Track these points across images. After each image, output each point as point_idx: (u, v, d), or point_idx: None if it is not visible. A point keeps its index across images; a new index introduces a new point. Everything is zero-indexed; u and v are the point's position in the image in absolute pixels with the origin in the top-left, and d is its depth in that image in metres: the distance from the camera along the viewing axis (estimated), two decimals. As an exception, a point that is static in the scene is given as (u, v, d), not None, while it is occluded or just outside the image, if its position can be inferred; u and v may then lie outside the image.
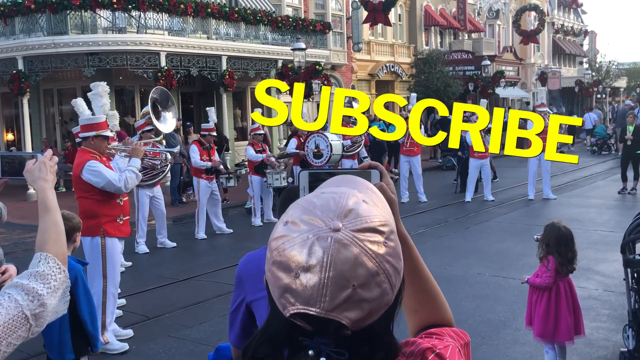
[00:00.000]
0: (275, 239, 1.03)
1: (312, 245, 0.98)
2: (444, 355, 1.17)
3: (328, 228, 1.00)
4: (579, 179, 18.02)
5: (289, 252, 0.99)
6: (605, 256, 8.89)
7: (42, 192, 2.00)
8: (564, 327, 4.89)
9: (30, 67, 16.84)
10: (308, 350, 0.99)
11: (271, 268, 1.02)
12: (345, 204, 1.03)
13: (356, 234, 1.00)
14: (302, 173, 1.27)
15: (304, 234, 1.00)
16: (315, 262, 0.97)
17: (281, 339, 1.04)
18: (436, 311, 1.36)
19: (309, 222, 1.01)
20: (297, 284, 0.98)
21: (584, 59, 52.45)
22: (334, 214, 1.01)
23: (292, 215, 1.04)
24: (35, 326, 1.69)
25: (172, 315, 7.16)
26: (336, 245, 0.98)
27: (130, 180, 6.19)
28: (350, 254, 0.98)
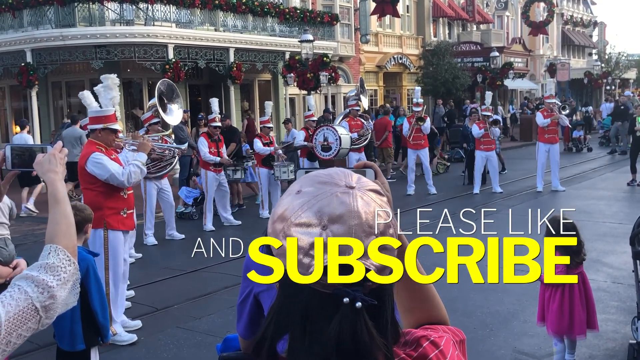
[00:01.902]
0: (288, 207, 1.09)
1: (336, 198, 1.07)
2: (438, 343, 1.19)
3: (344, 186, 1.09)
4: (587, 170, 17.95)
5: (314, 209, 1.06)
6: (614, 248, 8.86)
7: (52, 184, 2.00)
8: (578, 322, 4.87)
9: (38, 59, 16.88)
10: (342, 298, 1.03)
11: (290, 232, 1.06)
12: (349, 172, 1.14)
13: (367, 191, 1.11)
14: (298, 172, 1.30)
15: (324, 192, 1.08)
16: (343, 212, 1.06)
17: (300, 307, 1.06)
18: (431, 310, 1.36)
19: (324, 184, 1.10)
20: (325, 236, 1.04)
21: (593, 50, 52.08)
22: (344, 177, 1.11)
23: (302, 185, 1.12)
24: (45, 318, 1.70)
25: (180, 307, 7.19)
26: (357, 197, 1.08)
27: (134, 174, 6.17)
28: (370, 206, 1.08)
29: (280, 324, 1.08)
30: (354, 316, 1.03)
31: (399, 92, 31.05)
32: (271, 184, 12.26)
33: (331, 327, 1.03)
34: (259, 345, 1.10)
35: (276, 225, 1.10)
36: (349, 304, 1.03)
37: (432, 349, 1.18)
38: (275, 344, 1.09)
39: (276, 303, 1.10)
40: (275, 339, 1.08)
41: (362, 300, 1.03)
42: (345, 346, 1.03)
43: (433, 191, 14.34)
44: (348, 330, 1.03)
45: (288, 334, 1.08)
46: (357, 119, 14.29)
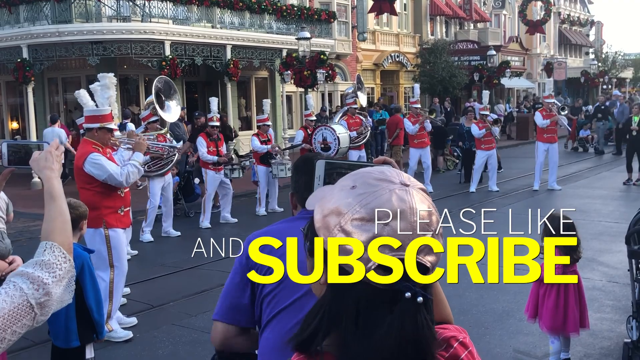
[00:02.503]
0: (343, 201, 1.09)
1: (396, 195, 1.08)
2: (467, 344, 1.21)
3: (400, 183, 1.11)
4: (584, 169, 17.98)
5: (373, 204, 1.06)
6: (609, 247, 8.88)
7: (48, 181, 2.00)
8: (572, 320, 4.89)
9: (34, 55, 16.84)
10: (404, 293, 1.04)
11: (347, 227, 1.06)
12: (399, 171, 1.16)
13: (420, 190, 1.13)
14: (318, 162, 1.30)
15: (382, 189, 1.09)
16: (404, 208, 1.06)
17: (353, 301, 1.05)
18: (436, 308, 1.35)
19: (380, 180, 1.11)
20: (387, 231, 1.05)
21: (590, 49, 52.16)
22: (397, 176, 1.12)
23: (356, 180, 1.12)
24: (40, 315, 1.70)
25: (176, 304, 7.19)
26: (415, 195, 1.10)
27: (131, 174, 6.16)
28: (425, 204, 1.10)
29: (331, 319, 1.07)
30: (416, 311, 1.04)
31: (396, 90, 31.06)
32: (269, 181, 12.26)
33: (392, 321, 1.03)
34: (308, 340, 1.09)
35: (329, 219, 1.09)
36: (410, 298, 1.04)
37: (462, 350, 1.20)
38: (323, 339, 1.08)
39: (325, 298, 1.09)
40: (326, 334, 1.08)
41: (423, 296, 1.05)
42: (405, 341, 1.03)
43: (429, 189, 14.32)
44: (411, 324, 1.04)
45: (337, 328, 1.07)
46: (355, 116, 14.26)
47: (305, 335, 1.09)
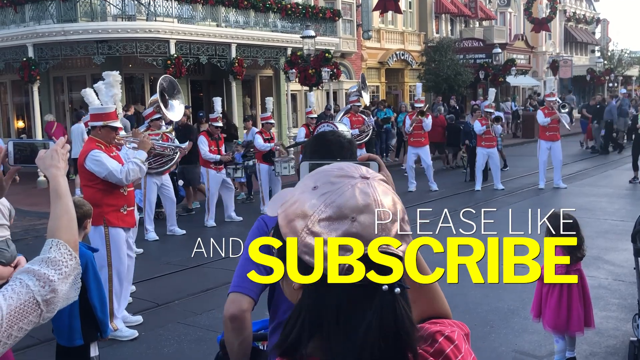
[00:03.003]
0: (307, 203, 1.09)
1: (358, 190, 1.08)
2: (453, 338, 1.20)
3: (360, 177, 1.11)
4: (589, 167, 17.93)
5: (338, 202, 1.07)
6: (615, 245, 8.85)
7: (54, 179, 2.01)
8: (576, 319, 4.87)
9: (40, 54, 16.88)
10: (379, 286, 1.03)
11: (315, 229, 1.06)
12: (357, 165, 1.16)
13: (380, 182, 1.13)
14: (302, 164, 1.30)
15: (344, 185, 1.09)
16: (369, 202, 1.07)
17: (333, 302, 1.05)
18: (434, 303, 1.36)
19: (341, 177, 1.10)
20: (355, 227, 1.05)
21: (596, 47, 51.99)
22: (356, 170, 1.12)
23: (317, 180, 1.12)
24: (46, 312, 1.70)
25: (181, 302, 7.20)
26: (376, 186, 1.10)
27: (132, 172, 6.14)
28: (388, 194, 1.11)
29: (313, 322, 1.06)
30: (394, 302, 1.04)
31: (401, 88, 31.03)
32: (272, 180, 12.26)
33: (371, 316, 1.03)
34: (292, 346, 1.07)
35: (295, 224, 1.08)
36: (387, 291, 1.03)
37: (447, 344, 1.19)
38: (307, 343, 1.07)
39: (303, 302, 1.08)
40: (309, 338, 1.06)
41: (400, 286, 1.05)
42: (386, 334, 1.03)
43: (434, 188, 14.33)
44: (390, 316, 1.03)
45: (320, 331, 1.06)
46: (358, 115, 14.29)
47: (289, 341, 1.08)
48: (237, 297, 2.36)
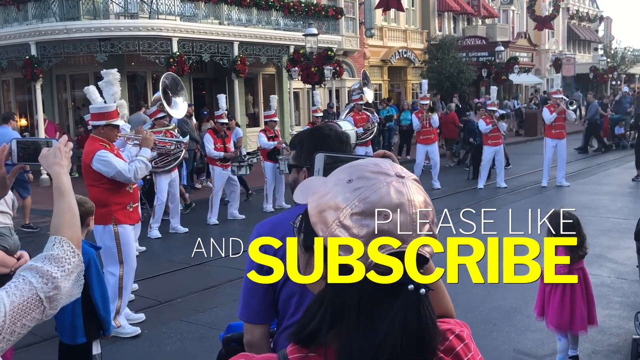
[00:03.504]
0: (341, 196, 1.08)
1: (393, 188, 1.08)
2: (463, 336, 1.21)
3: (395, 175, 1.11)
4: (592, 166, 17.91)
5: (372, 199, 1.06)
6: (618, 243, 8.84)
7: (57, 177, 2.01)
8: (579, 317, 4.86)
9: (43, 52, 16.90)
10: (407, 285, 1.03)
11: (347, 222, 1.06)
12: (391, 162, 1.15)
13: (414, 181, 1.13)
14: (317, 155, 1.29)
15: (379, 182, 1.08)
16: (402, 201, 1.06)
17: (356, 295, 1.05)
18: (439, 302, 1.37)
19: (377, 173, 1.10)
20: (388, 225, 1.05)
21: (599, 45, 51.89)
22: (391, 167, 1.12)
23: (352, 174, 1.11)
24: (49, 309, 1.71)
25: (183, 300, 7.21)
26: (411, 186, 1.10)
27: (139, 170, 6.18)
28: (422, 194, 1.11)
29: (334, 314, 1.06)
30: (418, 303, 1.04)
31: (404, 86, 31.00)
32: (276, 177, 12.27)
33: (395, 313, 1.03)
34: (311, 335, 1.08)
35: (326, 215, 1.08)
36: (413, 290, 1.03)
37: (458, 343, 1.20)
38: (326, 334, 1.07)
39: (327, 292, 1.08)
40: (328, 329, 1.07)
41: (426, 287, 1.05)
42: (408, 333, 1.03)
43: (437, 186, 14.33)
44: (414, 317, 1.04)
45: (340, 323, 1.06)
46: (362, 112, 14.28)
47: (308, 330, 1.08)
48: (247, 327, 2.35)
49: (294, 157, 2.56)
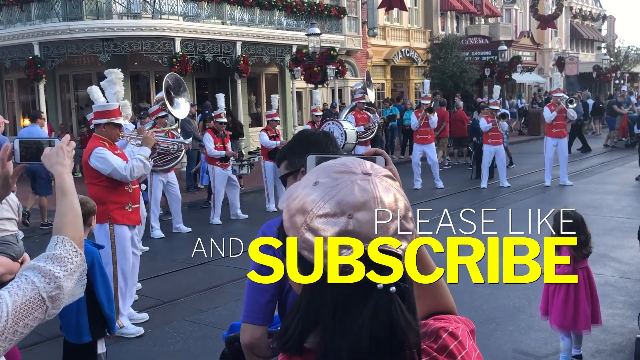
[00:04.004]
0: (307, 199, 1.08)
1: (358, 186, 1.07)
2: (457, 334, 1.19)
3: (362, 173, 1.09)
4: (596, 165, 17.88)
5: (336, 198, 1.05)
6: (621, 243, 8.83)
7: (60, 176, 2.01)
8: (583, 317, 4.85)
9: (46, 52, 16.92)
10: (375, 284, 1.02)
11: (314, 225, 1.05)
12: (362, 160, 1.15)
13: (385, 178, 1.11)
14: (309, 157, 1.28)
15: (344, 181, 1.07)
16: (367, 199, 1.05)
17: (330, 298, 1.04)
18: (439, 298, 1.36)
19: (342, 172, 1.09)
20: (352, 225, 1.04)
21: (602, 44, 51.76)
22: (359, 166, 1.11)
23: (318, 176, 1.11)
24: (52, 308, 1.71)
25: (187, 300, 7.22)
26: (377, 183, 1.08)
27: (136, 169, 6.15)
28: (390, 191, 1.09)
29: (310, 318, 1.06)
30: (389, 301, 1.03)
31: (407, 85, 30.98)
32: (276, 177, 12.26)
33: (365, 313, 1.02)
34: (291, 339, 1.08)
35: (296, 219, 1.08)
36: (382, 289, 1.02)
37: (451, 340, 1.19)
38: (305, 338, 1.07)
39: (304, 296, 1.09)
40: (306, 333, 1.07)
41: (396, 285, 1.03)
42: (380, 332, 1.02)
43: (440, 185, 14.32)
44: (384, 315, 1.02)
45: (317, 326, 1.06)
46: (363, 112, 14.29)
47: (289, 334, 1.08)
48: (248, 327, 2.35)
49: (286, 166, 2.55)
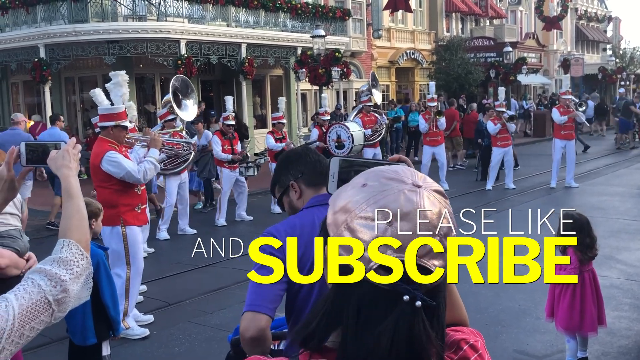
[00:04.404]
0: (352, 199, 1.08)
1: (404, 195, 1.06)
2: (477, 347, 1.19)
3: (412, 184, 1.08)
4: (601, 167, 17.82)
5: (381, 204, 1.05)
6: (627, 245, 8.80)
7: (65, 179, 2.02)
8: (589, 319, 4.83)
9: (51, 55, 16.97)
10: (402, 296, 1.02)
11: (353, 225, 1.05)
12: (415, 171, 1.14)
13: (434, 192, 1.10)
14: (333, 159, 1.29)
15: (391, 188, 1.07)
16: (410, 209, 1.04)
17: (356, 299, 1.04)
18: (452, 310, 1.36)
19: (391, 180, 1.09)
20: (390, 232, 1.03)
21: (608, 45, 51.63)
22: (411, 176, 1.10)
23: (368, 179, 1.11)
24: (58, 311, 1.71)
25: (192, 301, 7.22)
26: (425, 196, 1.07)
27: (149, 171, 6.20)
28: (436, 206, 1.08)
29: (334, 316, 1.06)
30: (413, 315, 1.02)
31: (412, 87, 30.96)
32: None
33: (387, 322, 1.02)
34: (312, 335, 1.08)
35: (338, 216, 1.09)
36: (408, 302, 1.02)
37: (472, 353, 1.19)
38: (328, 336, 1.08)
39: (330, 294, 1.09)
40: (329, 331, 1.07)
41: (422, 300, 1.02)
42: (399, 343, 1.02)
43: (445, 187, 14.28)
44: (405, 328, 1.02)
45: (340, 325, 1.06)
46: (370, 114, 14.28)
47: (311, 330, 1.08)
48: (255, 316, 2.31)
49: (278, 189, 2.59)
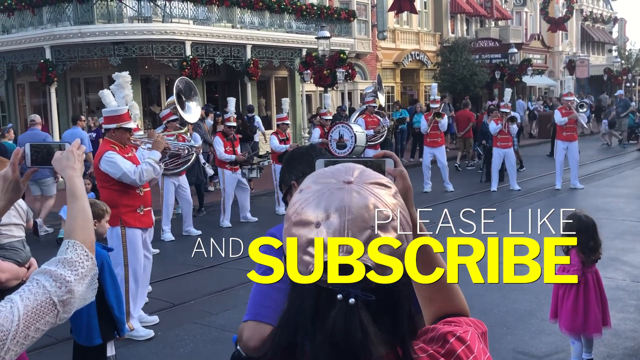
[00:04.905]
0: (291, 206, 1.10)
1: (329, 196, 1.06)
2: (464, 338, 1.18)
3: (341, 182, 1.08)
4: (607, 168, 17.76)
5: (307, 208, 1.06)
6: (633, 246, 8.77)
7: (70, 180, 2.02)
8: (593, 321, 4.82)
9: (57, 56, 17.03)
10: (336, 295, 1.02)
11: (291, 231, 1.07)
12: (353, 167, 1.13)
13: (367, 185, 1.08)
14: (318, 161, 1.28)
15: (319, 191, 1.08)
16: (335, 208, 1.04)
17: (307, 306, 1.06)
18: (451, 300, 1.35)
19: (322, 182, 1.10)
20: (319, 233, 1.04)
21: (613, 46, 51.49)
22: (344, 174, 1.10)
23: (307, 183, 1.12)
24: (63, 312, 1.71)
25: (197, 302, 7.23)
26: (351, 192, 1.06)
27: (145, 172, 6.15)
28: (366, 199, 1.06)
29: (292, 323, 1.08)
30: (348, 312, 1.02)
31: (416, 88, 30.94)
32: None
33: (327, 323, 1.03)
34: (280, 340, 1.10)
35: (284, 224, 1.11)
36: (342, 300, 1.02)
37: (459, 345, 1.18)
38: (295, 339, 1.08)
39: (288, 302, 1.11)
40: (291, 338, 1.08)
41: (356, 297, 1.02)
42: (339, 342, 1.02)
43: (450, 188, 14.27)
44: (340, 326, 1.02)
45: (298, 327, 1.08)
46: (373, 115, 14.30)
47: (280, 333, 1.11)
48: (258, 326, 2.29)
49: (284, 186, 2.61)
